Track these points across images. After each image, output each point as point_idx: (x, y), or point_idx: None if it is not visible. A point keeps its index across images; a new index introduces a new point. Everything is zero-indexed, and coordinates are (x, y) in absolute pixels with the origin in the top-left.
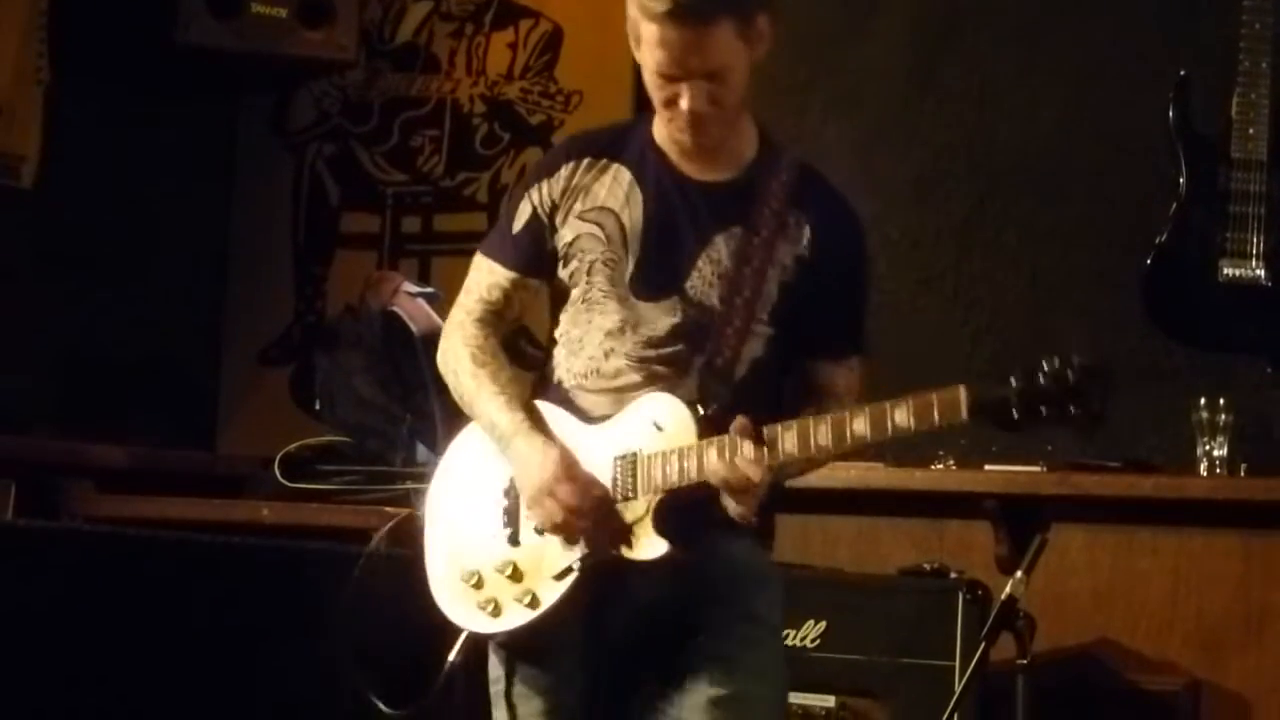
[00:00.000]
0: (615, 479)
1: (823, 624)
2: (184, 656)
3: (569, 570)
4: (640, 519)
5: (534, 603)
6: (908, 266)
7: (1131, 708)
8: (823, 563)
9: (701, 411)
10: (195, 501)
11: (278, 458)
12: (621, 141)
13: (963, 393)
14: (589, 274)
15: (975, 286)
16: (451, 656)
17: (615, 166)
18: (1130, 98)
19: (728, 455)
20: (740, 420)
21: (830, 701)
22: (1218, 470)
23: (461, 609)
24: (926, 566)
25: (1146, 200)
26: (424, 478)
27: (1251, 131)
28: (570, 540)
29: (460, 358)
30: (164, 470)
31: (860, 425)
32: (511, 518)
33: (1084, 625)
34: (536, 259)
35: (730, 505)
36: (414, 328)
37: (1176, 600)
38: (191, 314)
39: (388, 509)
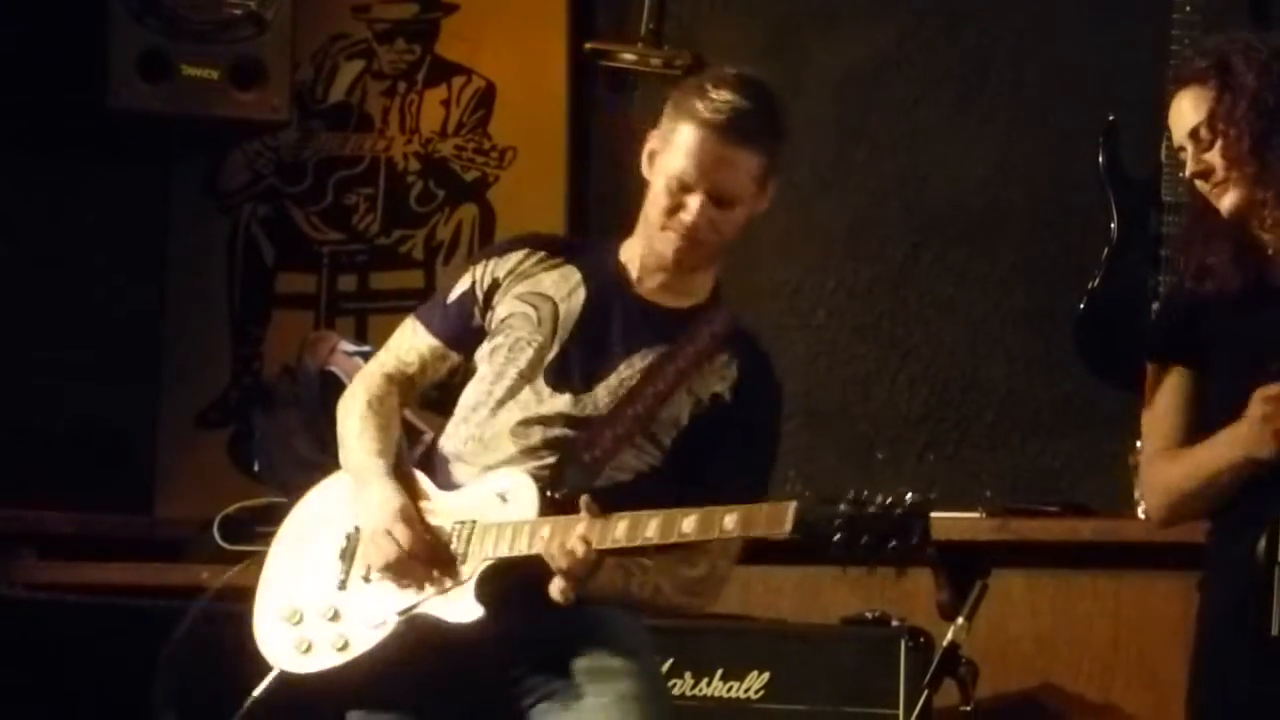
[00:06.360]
0: (451, 541)
1: (766, 675)
2: None
3: (384, 623)
4: (463, 582)
5: (345, 647)
6: (843, 314)
7: None
8: (765, 614)
9: (549, 494)
10: (134, 566)
11: (217, 520)
12: (580, 249)
13: (790, 508)
14: (509, 350)
15: (911, 334)
16: (256, 693)
17: (568, 266)
18: (1060, 144)
19: (559, 533)
20: (585, 497)
21: None
22: None
23: (275, 645)
24: (868, 615)
25: (1078, 245)
26: None
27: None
28: (401, 581)
29: (357, 402)
30: (103, 535)
31: (689, 524)
32: (346, 561)
33: (1026, 671)
34: (461, 333)
35: (554, 585)
36: None
37: (1119, 643)
38: (127, 377)
39: None
